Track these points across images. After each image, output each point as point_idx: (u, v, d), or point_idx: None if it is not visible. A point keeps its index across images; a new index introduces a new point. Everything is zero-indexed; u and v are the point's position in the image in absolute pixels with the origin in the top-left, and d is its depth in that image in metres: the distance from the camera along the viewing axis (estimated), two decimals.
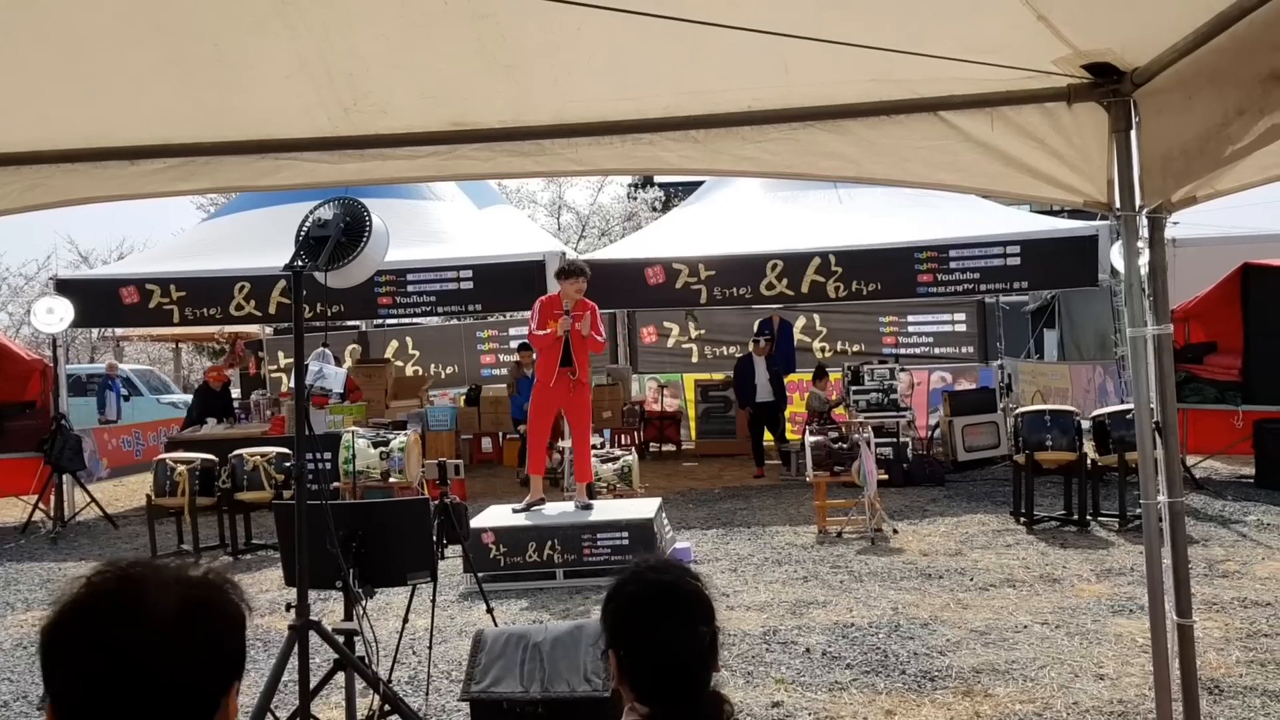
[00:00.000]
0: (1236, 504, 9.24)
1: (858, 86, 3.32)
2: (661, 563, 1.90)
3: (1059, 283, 12.60)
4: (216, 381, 13.59)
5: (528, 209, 32.07)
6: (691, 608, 1.81)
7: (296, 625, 3.83)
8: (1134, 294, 3.33)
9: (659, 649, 1.77)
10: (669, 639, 1.78)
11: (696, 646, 1.79)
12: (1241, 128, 2.61)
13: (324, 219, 4.02)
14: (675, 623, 1.79)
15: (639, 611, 1.81)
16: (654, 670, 1.78)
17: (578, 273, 7.78)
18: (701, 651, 1.80)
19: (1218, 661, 5.14)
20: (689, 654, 1.79)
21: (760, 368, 12.80)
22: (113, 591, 1.24)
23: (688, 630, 1.79)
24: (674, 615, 1.79)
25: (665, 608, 1.80)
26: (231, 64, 3.18)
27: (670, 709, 1.77)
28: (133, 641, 1.19)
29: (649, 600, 1.81)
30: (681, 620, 1.80)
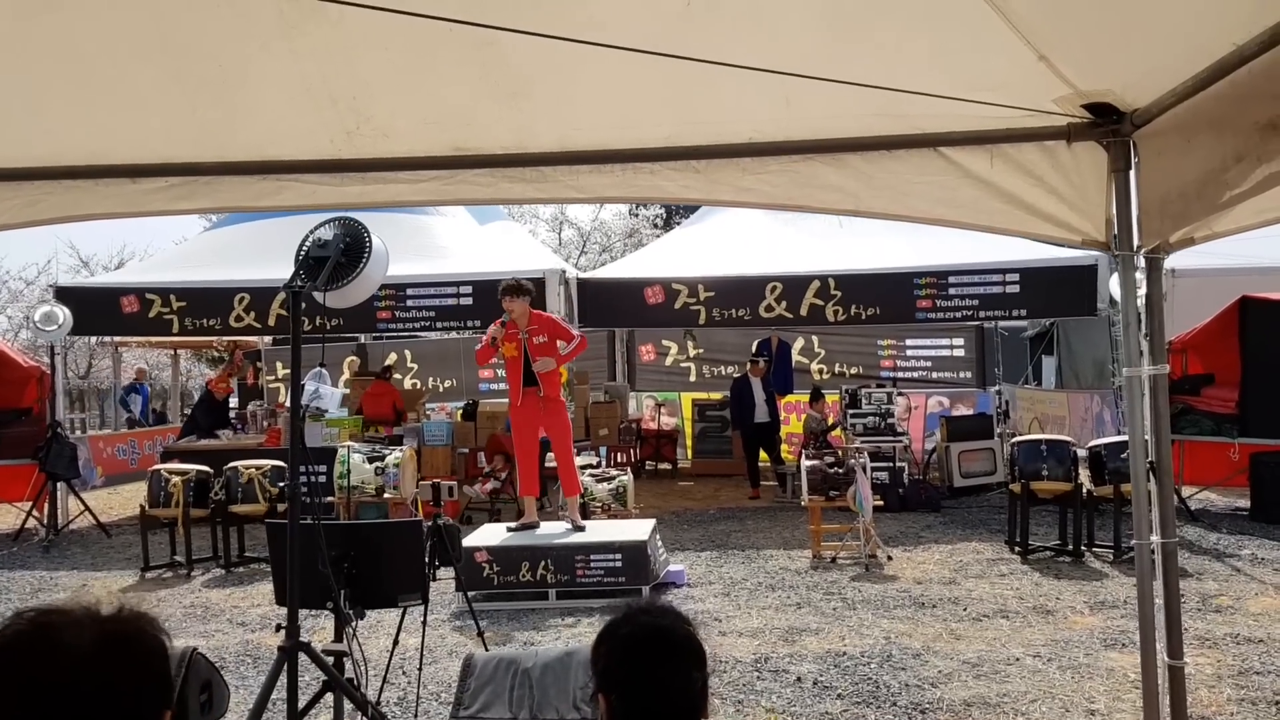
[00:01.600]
0: (1231, 537, 9.22)
1: (858, 121, 3.33)
2: (655, 606, 1.90)
3: (1058, 311, 12.63)
4: (222, 392, 13.57)
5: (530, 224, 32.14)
6: (684, 654, 1.81)
7: (286, 647, 3.81)
8: (1130, 333, 3.34)
9: (651, 695, 1.77)
10: (661, 685, 1.77)
11: (688, 693, 1.79)
12: (1240, 174, 2.62)
13: (324, 239, 4.02)
14: (668, 669, 1.78)
15: (632, 656, 1.80)
16: (645, 717, 1.77)
17: (510, 291, 7.79)
18: (693, 698, 1.79)
19: (1209, 699, 5.13)
20: (681, 701, 1.78)
21: (757, 388, 12.80)
22: (28, 634, 1.24)
23: (681, 677, 1.79)
24: (667, 661, 1.79)
25: (659, 653, 1.79)
26: (235, 85, 3.20)
27: None
28: (51, 682, 1.20)
29: (642, 644, 1.80)
30: (674, 666, 1.79)
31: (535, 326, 7.87)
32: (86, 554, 10.03)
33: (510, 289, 7.84)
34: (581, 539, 7.44)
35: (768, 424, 12.90)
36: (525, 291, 7.90)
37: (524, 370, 7.86)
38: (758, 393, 12.78)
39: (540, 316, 8.04)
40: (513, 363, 7.90)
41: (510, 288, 7.85)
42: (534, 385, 7.87)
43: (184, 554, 8.96)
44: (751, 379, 12.85)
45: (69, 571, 9.15)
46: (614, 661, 1.80)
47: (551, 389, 7.90)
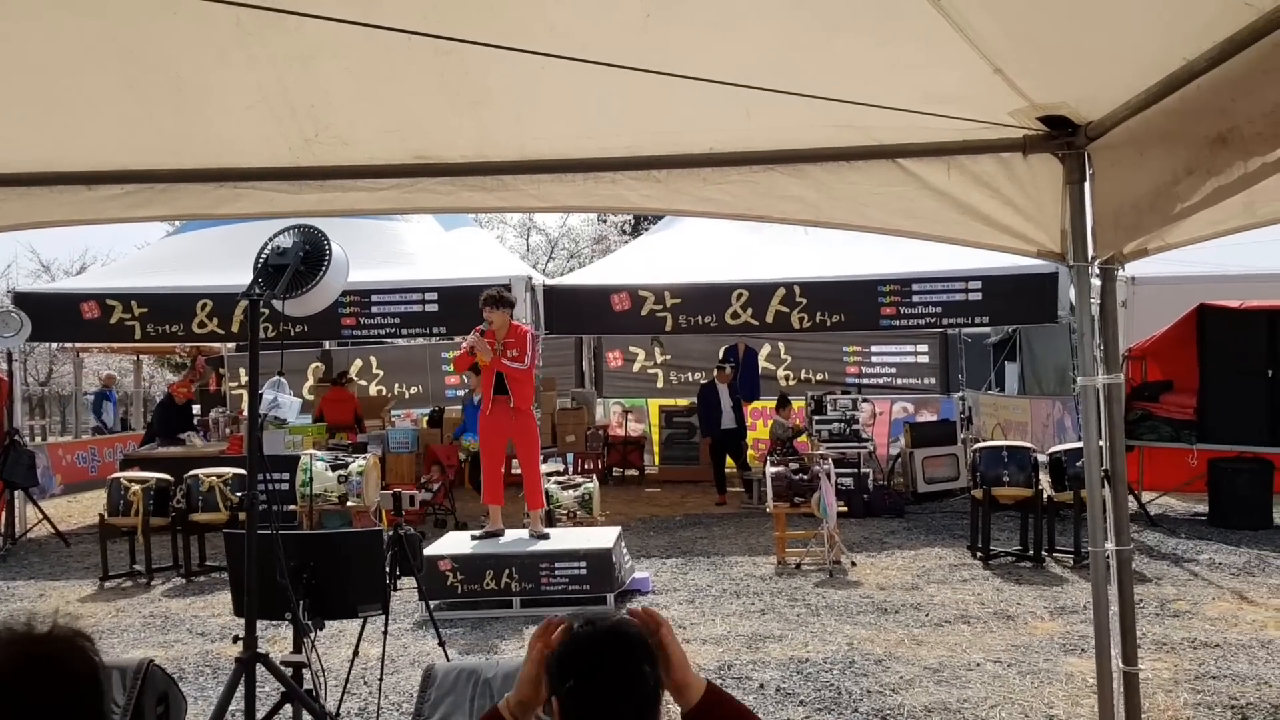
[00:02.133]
0: (1190, 542, 9.35)
1: (818, 132, 3.35)
2: (602, 612, 1.91)
3: (1019, 318, 12.75)
4: (183, 397, 13.42)
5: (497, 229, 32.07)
6: (636, 648, 1.81)
7: (243, 658, 3.78)
8: (1085, 343, 3.38)
9: (603, 686, 1.77)
10: (613, 676, 1.77)
11: (640, 687, 1.79)
12: (1190, 187, 2.66)
13: (283, 247, 4.00)
14: (619, 660, 1.78)
15: (584, 650, 1.80)
16: (596, 711, 1.76)
17: (492, 303, 7.77)
18: (645, 693, 1.79)
19: (1166, 703, 5.19)
20: (633, 693, 1.78)
21: (724, 395, 12.84)
22: None
23: (632, 667, 1.79)
24: (618, 653, 1.79)
25: (610, 645, 1.80)
26: (192, 92, 3.17)
27: None
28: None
29: (594, 638, 1.81)
30: (625, 657, 1.79)
31: (512, 340, 7.84)
32: (45, 563, 9.88)
33: (493, 300, 7.81)
34: (546, 547, 7.43)
35: (734, 430, 12.94)
36: (507, 303, 7.89)
37: (496, 380, 7.84)
38: (724, 399, 12.82)
39: (519, 330, 8.00)
40: (486, 371, 7.87)
41: (493, 298, 7.82)
42: (505, 395, 7.85)
43: (144, 563, 8.86)
44: (718, 385, 12.89)
45: (27, 581, 9.02)
46: (566, 657, 1.80)
47: (522, 400, 7.89)
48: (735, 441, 13.07)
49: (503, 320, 7.81)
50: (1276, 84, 2.15)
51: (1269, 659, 5.86)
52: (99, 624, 7.38)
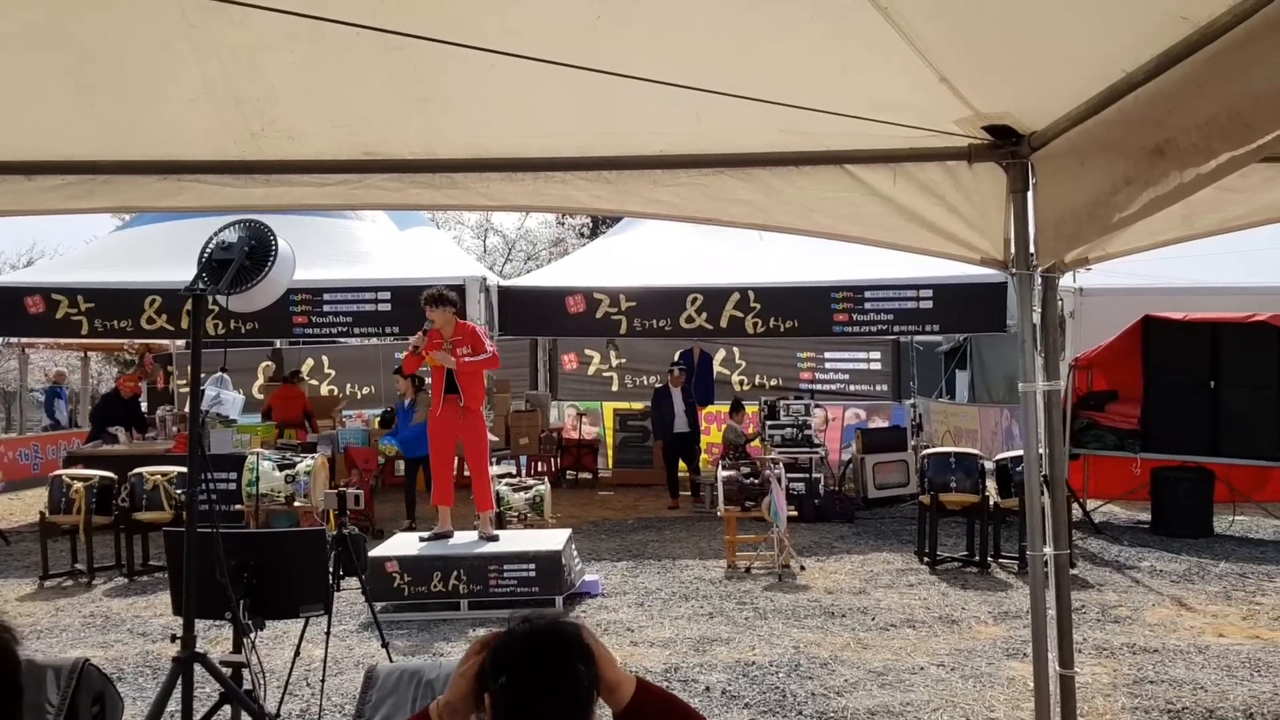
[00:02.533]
0: (1132, 549, 9.50)
1: (767, 136, 3.37)
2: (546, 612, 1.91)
3: (970, 327, 12.90)
4: (129, 391, 13.19)
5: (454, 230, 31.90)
6: (571, 646, 1.81)
7: (181, 657, 3.73)
8: (1026, 349, 3.42)
9: (535, 683, 1.76)
10: (546, 674, 1.77)
11: (573, 685, 1.78)
12: (1128, 197, 2.71)
13: (228, 241, 3.95)
14: (553, 657, 1.78)
15: (518, 646, 1.80)
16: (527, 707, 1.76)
17: (434, 301, 7.73)
18: (578, 692, 1.79)
19: (1104, 707, 5.27)
20: (565, 691, 1.77)
21: (677, 398, 12.87)
22: None
23: (566, 666, 1.79)
24: (552, 651, 1.79)
25: (544, 643, 1.80)
26: (136, 83, 3.12)
27: None
28: None
29: (529, 636, 1.81)
30: (560, 655, 1.79)
31: (459, 337, 7.80)
32: None
33: (433, 299, 7.76)
34: (495, 549, 7.39)
35: (687, 434, 12.96)
36: (448, 301, 7.84)
37: (447, 379, 7.80)
38: (677, 403, 12.84)
39: (465, 327, 7.97)
40: (436, 371, 7.83)
41: (433, 298, 7.78)
42: (455, 394, 7.80)
43: (85, 562, 8.71)
44: (671, 389, 12.91)
45: None
46: (502, 652, 1.79)
47: (473, 400, 7.85)
48: (688, 445, 13.09)
49: (445, 318, 7.76)
50: (1210, 97, 2.19)
51: (1205, 664, 5.97)
52: (37, 623, 7.23)
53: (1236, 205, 3.43)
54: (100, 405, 13.91)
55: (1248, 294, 11.96)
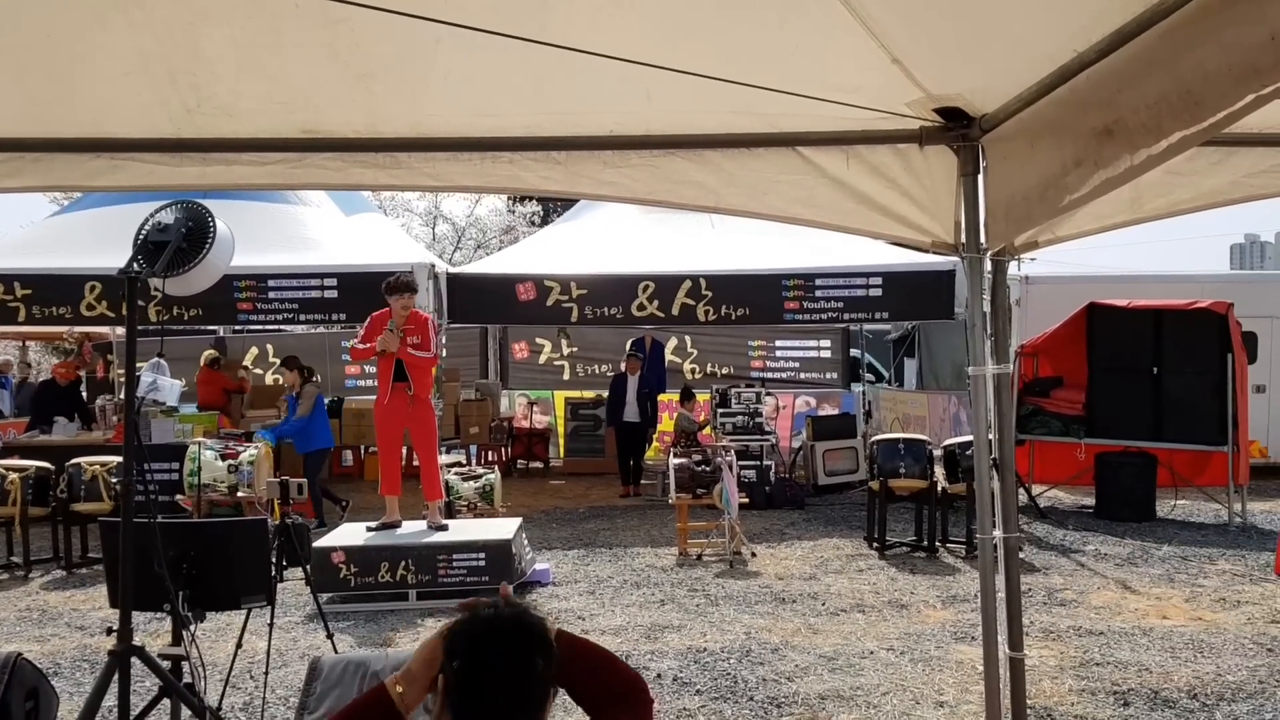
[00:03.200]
0: (1077, 533, 9.63)
1: (718, 117, 3.33)
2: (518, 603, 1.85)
3: (918, 314, 12.99)
4: (64, 378, 12.87)
5: (402, 218, 31.53)
6: (532, 639, 1.76)
7: (117, 650, 3.62)
8: (976, 333, 3.42)
9: (488, 671, 1.71)
10: (500, 663, 1.71)
11: (527, 679, 1.73)
12: (1078, 179, 2.69)
13: (165, 223, 3.84)
14: (511, 648, 1.74)
15: (478, 631, 1.75)
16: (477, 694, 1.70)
17: (403, 289, 7.62)
18: (532, 686, 1.74)
19: (1051, 689, 5.32)
20: (519, 684, 1.72)
21: (630, 386, 12.82)
22: None
23: (523, 658, 1.74)
24: (510, 641, 1.75)
25: (504, 632, 1.75)
26: (65, 57, 3.00)
27: None
28: None
29: (491, 622, 1.77)
30: (517, 646, 1.74)
31: (413, 326, 7.68)
32: None
33: (402, 286, 7.61)
34: (444, 538, 7.31)
35: (637, 423, 12.91)
36: (410, 289, 7.72)
37: (396, 367, 7.65)
38: (630, 390, 12.80)
39: (419, 317, 7.83)
40: (385, 358, 7.68)
41: (403, 285, 7.62)
42: (404, 382, 7.68)
43: (22, 555, 8.48)
44: (628, 376, 12.87)
45: None
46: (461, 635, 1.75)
47: (422, 389, 7.73)
48: (638, 433, 13.04)
49: (406, 305, 7.64)
50: (1159, 76, 2.18)
51: (1150, 646, 6.05)
52: None
53: (1184, 189, 3.46)
54: (37, 394, 13.57)
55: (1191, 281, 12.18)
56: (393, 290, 7.61)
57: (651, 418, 13.13)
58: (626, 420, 12.82)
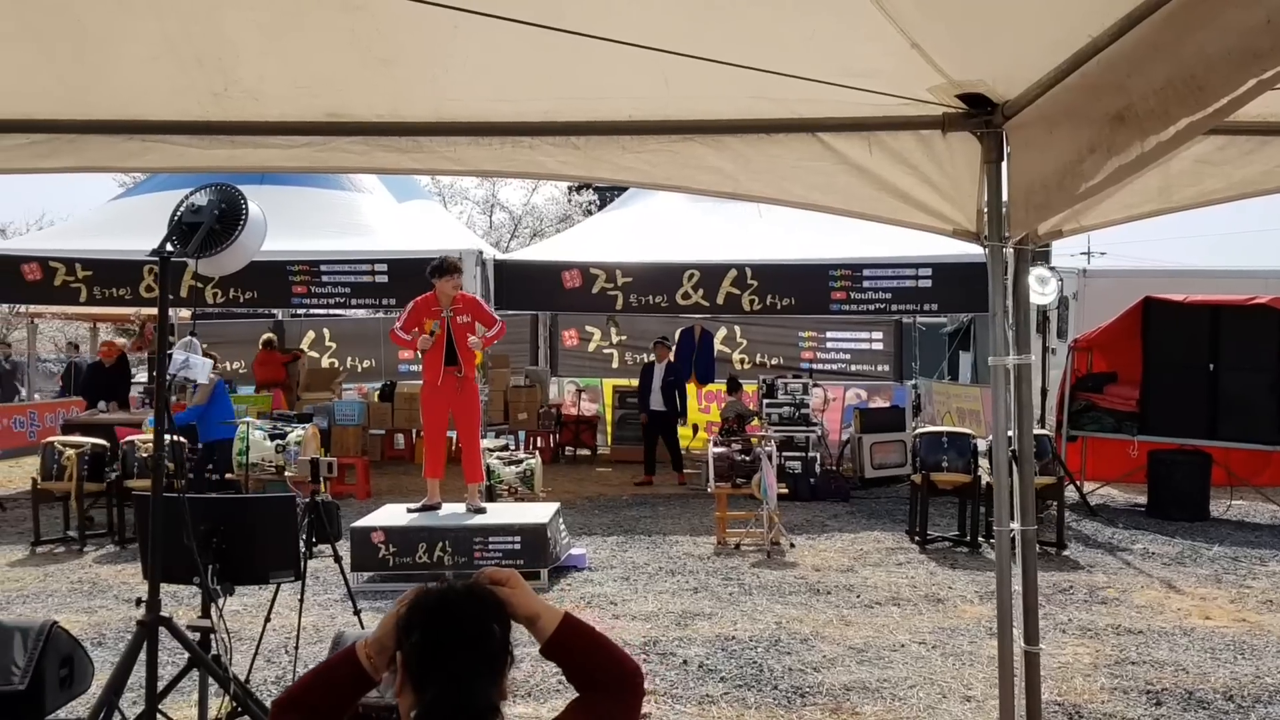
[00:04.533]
0: (1126, 532, 9.46)
1: (737, 103, 3.31)
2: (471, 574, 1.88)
3: (969, 306, 12.79)
4: (108, 358, 13.19)
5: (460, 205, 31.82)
6: (486, 607, 1.79)
7: (146, 621, 3.73)
8: (997, 323, 3.37)
9: (446, 641, 1.74)
10: (457, 632, 1.74)
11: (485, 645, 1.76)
12: (1093, 165, 2.65)
13: (198, 205, 3.92)
14: (466, 617, 1.77)
15: (432, 605, 1.78)
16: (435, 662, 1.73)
17: (450, 270, 7.67)
18: (490, 652, 1.77)
19: (1083, 687, 5.24)
20: (477, 650, 1.75)
21: (657, 375, 12.71)
22: None
23: (479, 625, 1.77)
24: (465, 610, 1.78)
25: (458, 603, 1.79)
26: (96, 40, 3.08)
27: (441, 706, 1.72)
28: None
29: (443, 595, 1.80)
30: (472, 615, 1.78)
31: (460, 306, 7.74)
32: None
33: (449, 268, 7.67)
34: (481, 521, 7.38)
35: (663, 412, 12.75)
36: (456, 270, 7.78)
37: (447, 349, 7.71)
38: (656, 378, 12.71)
39: (465, 297, 7.91)
40: (436, 342, 7.73)
41: (450, 266, 7.69)
42: (454, 365, 7.74)
43: (77, 529, 8.73)
44: (656, 365, 12.79)
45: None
46: (415, 610, 1.78)
47: (470, 369, 7.80)
48: (661, 421, 12.83)
49: (456, 285, 7.70)
50: (1165, 59, 2.13)
51: (1189, 646, 5.94)
52: (25, 588, 7.26)
53: (1214, 179, 3.38)
54: (87, 375, 13.95)
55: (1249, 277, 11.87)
56: (439, 272, 7.66)
57: (681, 408, 12.95)
58: (652, 409, 12.73)
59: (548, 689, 5.12)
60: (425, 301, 7.74)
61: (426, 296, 7.74)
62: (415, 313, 7.75)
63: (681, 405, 12.99)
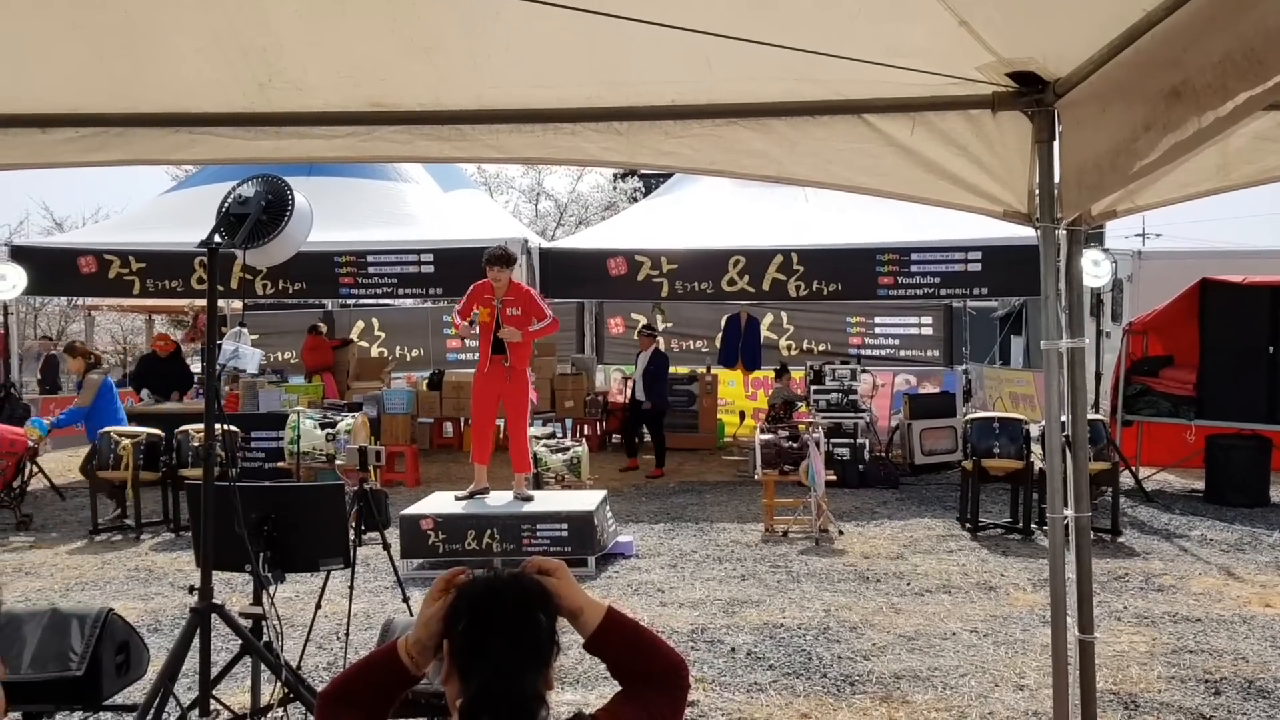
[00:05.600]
0: (1183, 518, 9.28)
1: (781, 85, 3.27)
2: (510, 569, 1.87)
3: (1021, 290, 12.59)
4: (164, 350, 13.40)
5: (506, 194, 31.92)
6: (532, 596, 1.78)
7: (198, 608, 3.78)
8: (1049, 306, 3.31)
9: (494, 630, 1.73)
10: (505, 622, 1.74)
11: (532, 634, 1.75)
12: (1148, 143, 2.58)
13: (245, 196, 3.95)
14: (513, 606, 1.76)
15: (480, 593, 1.78)
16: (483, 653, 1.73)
17: (493, 261, 7.66)
18: (537, 642, 1.76)
19: (1139, 675, 5.15)
20: (523, 640, 1.74)
21: (641, 363, 12.36)
22: None
23: (526, 614, 1.76)
24: (513, 599, 1.77)
25: (506, 592, 1.78)
26: (142, 33, 3.10)
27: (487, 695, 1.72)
28: None
29: (491, 584, 1.80)
30: (520, 604, 1.76)
31: (512, 298, 7.75)
32: (38, 515, 9.91)
33: (499, 259, 7.69)
34: (529, 508, 7.41)
35: (640, 401, 12.35)
36: (512, 261, 7.79)
37: (495, 338, 7.74)
38: (639, 367, 12.39)
39: (519, 289, 7.88)
40: (485, 329, 7.75)
41: (499, 257, 7.69)
42: (502, 354, 7.76)
43: (134, 517, 8.89)
44: (641, 354, 12.47)
45: (17, 533, 9.05)
46: (463, 598, 1.77)
47: (519, 360, 7.80)
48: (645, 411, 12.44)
49: (497, 277, 7.71)
50: (1223, 32, 2.06)
51: (1249, 634, 5.82)
52: (84, 576, 7.41)
53: (1274, 155, 3.27)
54: (138, 367, 14.17)
55: None
56: (489, 262, 7.68)
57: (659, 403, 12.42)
58: (636, 398, 12.46)
59: (595, 676, 5.13)
60: (480, 288, 7.76)
61: (484, 283, 7.75)
62: (470, 298, 7.79)
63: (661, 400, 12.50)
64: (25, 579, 7.28)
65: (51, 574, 7.49)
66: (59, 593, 6.92)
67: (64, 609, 4.20)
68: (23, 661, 3.96)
